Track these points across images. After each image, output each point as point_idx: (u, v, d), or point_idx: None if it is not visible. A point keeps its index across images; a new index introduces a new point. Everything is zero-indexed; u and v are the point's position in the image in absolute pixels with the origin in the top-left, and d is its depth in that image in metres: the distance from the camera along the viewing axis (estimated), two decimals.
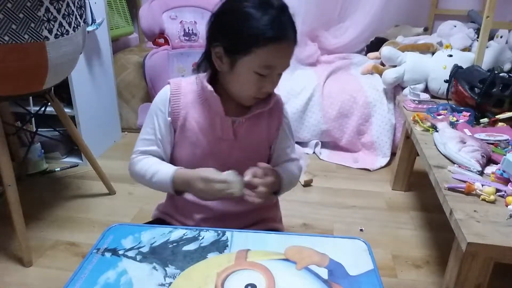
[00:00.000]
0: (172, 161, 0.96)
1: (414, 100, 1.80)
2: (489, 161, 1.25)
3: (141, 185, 0.94)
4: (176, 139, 0.93)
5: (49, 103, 1.63)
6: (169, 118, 0.91)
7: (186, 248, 0.74)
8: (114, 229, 0.80)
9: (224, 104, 0.88)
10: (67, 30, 1.37)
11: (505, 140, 1.34)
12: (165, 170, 0.89)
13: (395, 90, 2.26)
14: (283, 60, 0.84)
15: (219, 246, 0.75)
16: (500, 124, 1.50)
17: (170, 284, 0.65)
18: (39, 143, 2.02)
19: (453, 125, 1.45)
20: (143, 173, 0.91)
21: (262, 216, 1.01)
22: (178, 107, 0.91)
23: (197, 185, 0.84)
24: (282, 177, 0.92)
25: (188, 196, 0.93)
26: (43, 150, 2.04)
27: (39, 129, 2.01)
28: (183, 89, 0.92)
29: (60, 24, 1.33)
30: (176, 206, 1.00)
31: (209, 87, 0.87)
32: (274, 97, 0.94)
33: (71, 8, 1.38)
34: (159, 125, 0.91)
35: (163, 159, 0.94)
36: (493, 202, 1.05)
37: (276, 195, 0.96)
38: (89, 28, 1.93)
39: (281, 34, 0.80)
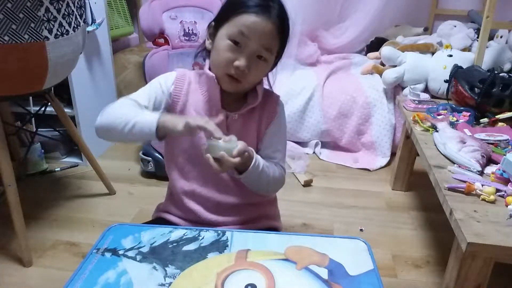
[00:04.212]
0: (170, 146, 0.98)
1: (414, 100, 1.80)
2: (489, 161, 1.25)
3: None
4: None
5: (49, 103, 1.63)
6: (169, 99, 0.94)
7: (186, 248, 0.74)
8: (114, 229, 0.80)
9: (222, 98, 0.92)
10: (67, 30, 1.37)
11: (505, 140, 1.34)
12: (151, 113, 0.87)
13: (395, 90, 2.26)
14: (258, 34, 0.85)
15: (219, 246, 0.75)
16: (500, 124, 1.50)
17: (170, 284, 0.65)
18: (39, 143, 2.02)
19: (453, 125, 1.45)
20: (122, 111, 0.86)
21: (260, 213, 1.01)
22: (181, 92, 0.94)
23: (195, 117, 0.83)
24: (255, 161, 0.88)
25: (185, 187, 0.96)
26: (43, 150, 2.04)
27: (39, 129, 2.01)
28: (188, 78, 0.96)
29: (60, 24, 1.33)
30: (175, 202, 1.01)
31: (211, 74, 0.90)
32: (267, 93, 0.97)
33: (71, 8, 1.38)
34: (151, 94, 0.93)
35: None
36: (493, 202, 1.05)
37: (239, 174, 0.90)
38: (89, 28, 1.93)
39: (263, 9, 0.84)
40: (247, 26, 0.84)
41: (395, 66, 2.25)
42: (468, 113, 1.55)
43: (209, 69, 0.93)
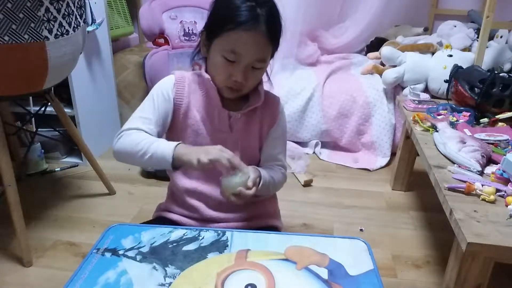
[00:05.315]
0: None
1: (414, 100, 1.80)
2: (489, 161, 1.25)
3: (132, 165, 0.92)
4: (179, 126, 0.95)
5: (49, 103, 1.63)
6: (172, 104, 0.94)
7: (186, 248, 0.74)
8: (114, 229, 0.80)
9: (222, 98, 0.92)
10: (67, 30, 1.37)
11: (505, 140, 1.34)
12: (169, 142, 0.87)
13: (395, 90, 2.26)
14: (250, 49, 0.85)
15: (219, 246, 0.75)
16: (500, 124, 1.50)
17: (170, 284, 0.65)
18: (39, 143, 2.02)
19: (453, 125, 1.45)
20: (139, 141, 0.87)
21: (261, 210, 1.02)
22: (182, 95, 0.94)
23: (208, 148, 0.83)
24: (262, 180, 0.92)
25: (187, 185, 0.97)
26: (43, 150, 2.04)
27: (39, 129, 2.01)
28: (187, 79, 0.96)
29: (60, 24, 1.33)
30: (176, 200, 1.01)
31: (207, 76, 0.91)
32: (269, 95, 0.98)
33: (71, 8, 1.38)
34: (159, 107, 0.93)
35: None
36: (493, 202, 1.05)
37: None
38: (89, 28, 1.93)
39: (251, 23, 0.83)
40: (238, 45, 0.84)
41: (395, 66, 2.25)
42: (468, 113, 1.55)
43: (206, 70, 0.93)
